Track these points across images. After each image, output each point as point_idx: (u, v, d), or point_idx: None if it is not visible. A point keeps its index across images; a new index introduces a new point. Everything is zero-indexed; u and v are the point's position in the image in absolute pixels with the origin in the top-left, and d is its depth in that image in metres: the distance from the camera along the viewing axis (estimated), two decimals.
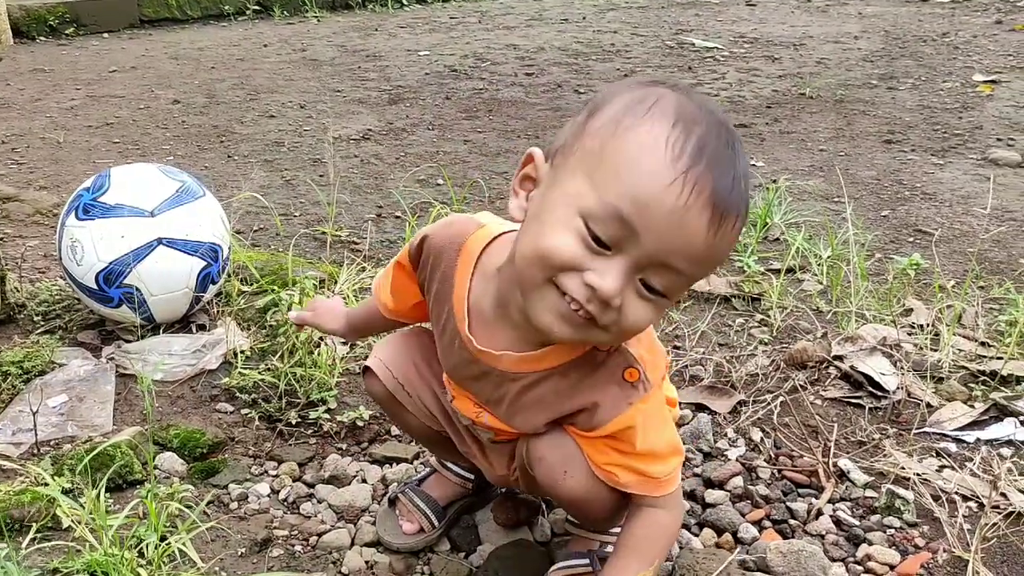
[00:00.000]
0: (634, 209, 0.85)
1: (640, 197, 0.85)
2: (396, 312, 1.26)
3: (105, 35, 5.45)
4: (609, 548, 1.24)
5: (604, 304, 0.89)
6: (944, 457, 1.50)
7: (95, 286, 1.74)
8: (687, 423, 1.61)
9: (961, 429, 1.57)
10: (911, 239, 2.42)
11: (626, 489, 1.08)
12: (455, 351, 1.10)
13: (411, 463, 1.54)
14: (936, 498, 1.40)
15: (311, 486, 1.49)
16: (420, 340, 1.27)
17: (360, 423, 1.62)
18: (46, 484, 1.32)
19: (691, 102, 0.91)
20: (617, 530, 1.25)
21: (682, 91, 0.92)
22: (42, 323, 1.88)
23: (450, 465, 1.39)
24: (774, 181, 2.76)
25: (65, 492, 1.32)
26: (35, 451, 1.50)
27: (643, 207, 0.85)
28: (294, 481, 1.50)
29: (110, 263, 1.72)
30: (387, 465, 1.54)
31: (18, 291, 1.94)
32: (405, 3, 6.61)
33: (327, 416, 1.62)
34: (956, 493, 1.40)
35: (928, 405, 1.62)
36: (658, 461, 1.07)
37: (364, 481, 1.50)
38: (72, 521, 1.26)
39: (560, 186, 0.91)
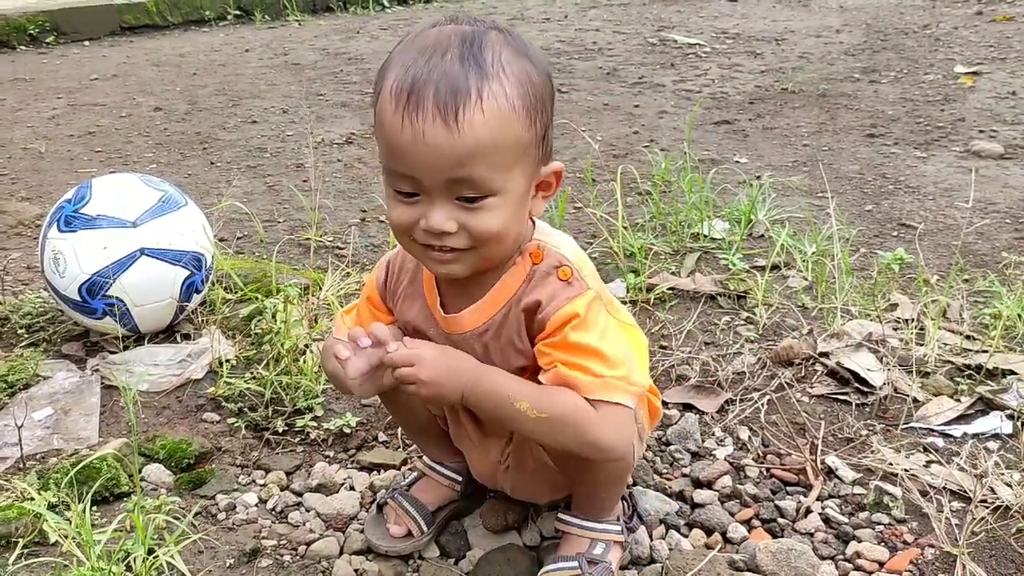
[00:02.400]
0: (399, 161, 1.00)
1: (395, 150, 1.00)
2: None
3: (86, 43, 5.41)
4: (598, 549, 1.25)
5: (448, 235, 1.02)
6: (931, 452, 1.51)
7: (78, 298, 1.73)
8: (674, 423, 1.61)
9: (948, 424, 1.57)
10: (895, 233, 2.43)
11: (576, 390, 1.08)
12: (435, 337, 1.18)
13: (399, 469, 1.54)
14: (924, 494, 1.40)
15: (299, 495, 1.48)
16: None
17: (347, 430, 1.61)
18: (32, 499, 1.31)
19: (428, 33, 1.02)
20: (609, 525, 1.26)
21: (429, 25, 1.04)
22: (26, 336, 1.87)
23: (438, 467, 1.38)
24: (758, 177, 2.76)
25: (51, 507, 1.31)
26: (20, 465, 1.49)
27: (401, 157, 1.00)
28: (282, 490, 1.49)
29: (93, 275, 1.71)
30: (375, 472, 1.54)
31: (2, 304, 1.92)
32: (387, 5, 6.60)
33: (314, 424, 1.62)
34: (944, 488, 1.41)
35: (915, 400, 1.62)
36: (600, 360, 1.09)
37: (352, 488, 1.50)
38: (59, 536, 1.25)
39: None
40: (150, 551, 1.21)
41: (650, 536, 1.35)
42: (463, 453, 1.34)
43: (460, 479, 1.38)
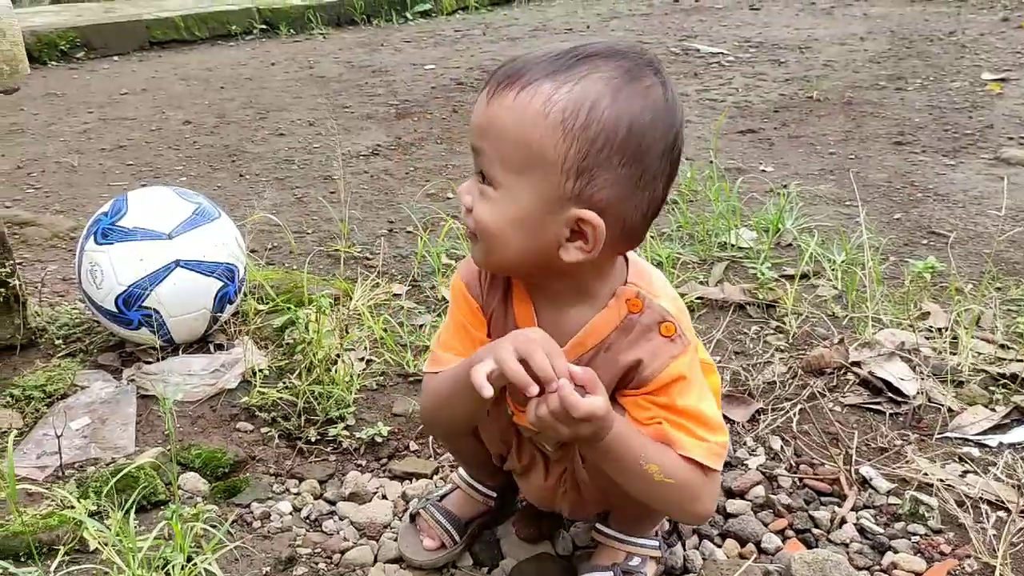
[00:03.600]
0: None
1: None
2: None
3: (115, 58, 5.50)
4: (634, 561, 1.24)
5: (466, 211, 1.01)
6: (967, 462, 1.49)
7: (115, 309, 1.75)
8: None
9: (983, 433, 1.56)
10: (925, 241, 2.41)
11: (676, 447, 1.05)
12: None
13: (430, 478, 1.55)
14: (961, 504, 1.39)
15: (332, 503, 1.50)
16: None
17: (379, 439, 1.63)
18: (72, 507, 1.33)
19: (571, 43, 1.00)
20: (647, 540, 1.25)
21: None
22: (63, 346, 1.90)
23: (475, 484, 1.38)
24: (784, 186, 2.76)
25: (91, 515, 1.33)
26: (60, 474, 1.51)
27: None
28: (315, 499, 1.51)
29: (129, 286, 1.73)
30: (407, 481, 1.55)
31: (39, 315, 1.96)
32: (409, 17, 6.65)
33: (346, 433, 1.63)
34: (981, 498, 1.40)
35: (949, 410, 1.61)
36: (706, 427, 1.06)
37: (384, 497, 1.51)
38: (99, 543, 1.27)
39: None
40: (188, 558, 1.22)
41: (684, 546, 1.35)
42: (518, 480, 1.30)
43: (495, 495, 1.38)
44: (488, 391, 0.95)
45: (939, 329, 1.87)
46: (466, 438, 1.28)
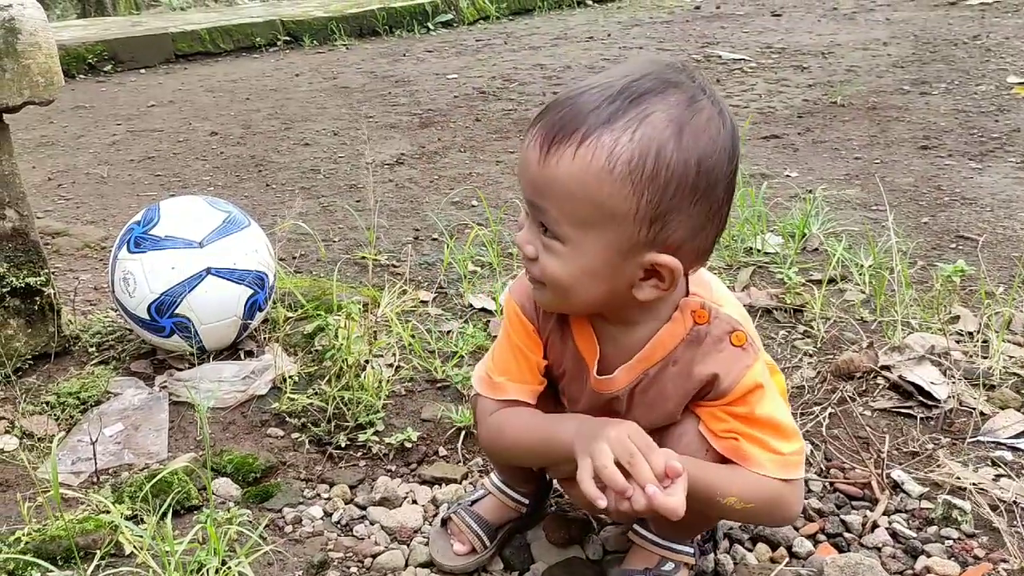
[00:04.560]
0: (518, 167, 1.00)
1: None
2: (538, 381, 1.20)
3: (142, 71, 5.58)
4: (667, 566, 1.24)
5: (528, 259, 1.01)
6: (1000, 465, 1.48)
7: (147, 317, 1.78)
8: None
9: (1016, 437, 1.55)
10: (953, 245, 2.40)
11: (750, 465, 1.04)
12: (582, 388, 1.15)
13: (460, 483, 1.56)
14: (994, 507, 1.38)
15: (363, 508, 1.51)
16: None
17: (408, 444, 1.64)
18: (108, 512, 1.35)
19: (630, 60, 1.03)
20: (683, 547, 1.25)
21: (649, 58, 1.03)
22: (96, 354, 1.93)
23: (507, 490, 1.38)
24: (810, 191, 2.74)
25: (127, 519, 1.35)
26: (95, 479, 1.54)
27: (519, 162, 0.99)
28: (346, 503, 1.52)
29: (162, 294, 1.76)
30: (436, 486, 1.56)
31: (72, 324, 1.98)
32: (431, 28, 6.69)
33: (375, 438, 1.64)
34: (1015, 502, 1.39)
35: (981, 413, 1.60)
36: (782, 436, 1.05)
37: (414, 502, 1.52)
38: (135, 548, 1.29)
39: None
40: (222, 562, 1.24)
41: (715, 551, 1.35)
42: (564, 485, 1.30)
43: (527, 502, 1.38)
44: (603, 503, 0.95)
45: (969, 333, 1.85)
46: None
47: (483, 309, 2.11)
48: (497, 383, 1.18)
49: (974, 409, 1.60)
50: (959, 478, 1.44)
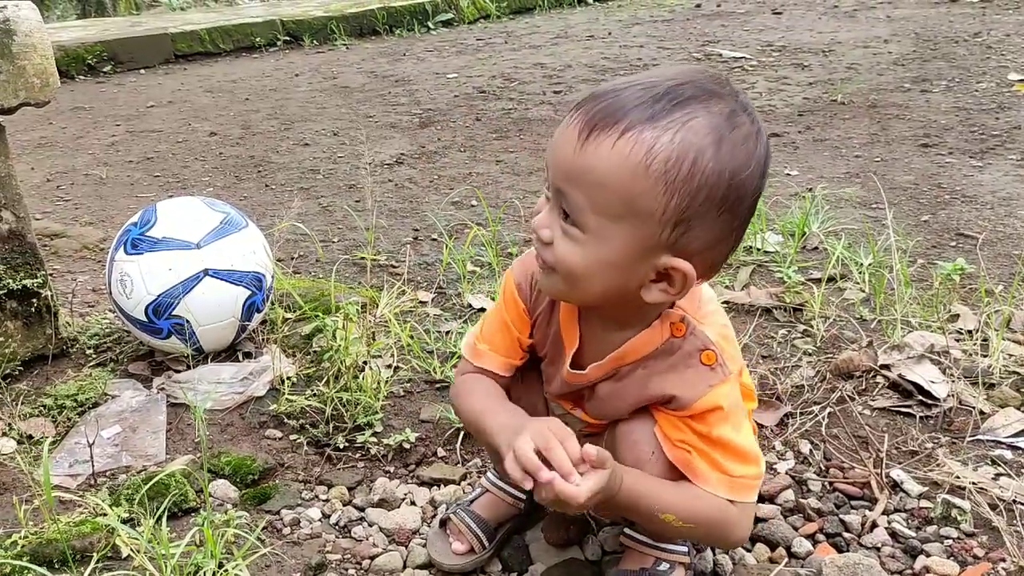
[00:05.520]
0: (547, 150, 1.00)
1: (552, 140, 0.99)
2: (514, 355, 1.24)
3: (141, 71, 5.57)
4: (662, 566, 1.24)
5: (542, 243, 1.00)
6: (1000, 464, 1.48)
7: (145, 318, 1.78)
8: None
9: (1016, 435, 1.54)
10: (953, 243, 2.39)
11: (698, 480, 1.07)
12: (557, 372, 1.18)
13: (458, 484, 1.55)
14: (994, 507, 1.37)
15: (361, 509, 1.50)
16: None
17: (407, 446, 1.63)
18: (105, 514, 1.34)
19: (677, 67, 1.05)
20: (676, 546, 1.25)
21: (696, 67, 1.06)
22: (94, 356, 1.92)
23: (503, 485, 1.39)
24: (810, 190, 2.74)
25: (123, 522, 1.34)
26: (92, 482, 1.53)
27: (550, 144, 0.99)
28: (344, 505, 1.51)
29: (159, 295, 1.75)
30: (435, 487, 1.55)
31: (70, 325, 1.98)
32: (431, 27, 6.68)
33: (374, 440, 1.64)
34: (1014, 501, 1.38)
35: (981, 412, 1.59)
36: (736, 459, 1.07)
37: (413, 503, 1.51)
38: (131, 550, 1.28)
39: None
40: (219, 565, 1.23)
41: (713, 550, 1.34)
42: None
43: (524, 498, 1.38)
44: (528, 484, 0.99)
45: (969, 331, 1.85)
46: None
47: (482, 309, 2.11)
48: (479, 349, 1.23)
49: (973, 408, 1.60)
50: (958, 477, 1.43)
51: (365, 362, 1.76)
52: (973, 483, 1.42)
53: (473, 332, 1.27)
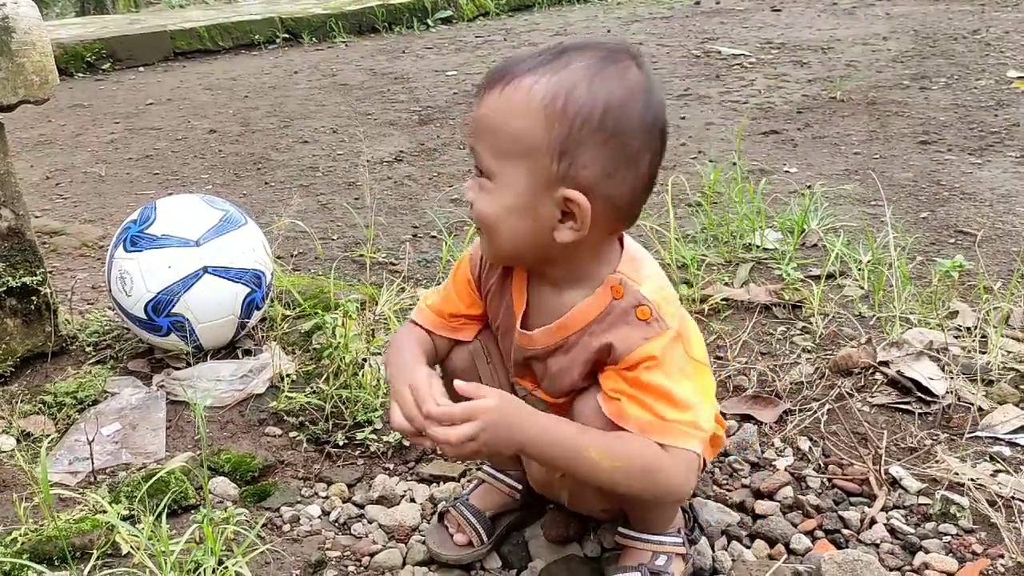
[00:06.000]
0: None
1: None
2: (453, 315, 1.29)
3: (140, 69, 5.57)
4: (660, 560, 1.24)
5: (470, 206, 1.08)
6: (999, 461, 1.48)
7: (144, 316, 1.78)
8: (733, 434, 1.60)
9: (1014, 432, 1.54)
10: (952, 240, 2.39)
11: (627, 423, 1.08)
12: (512, 341, 1.21)
13: (457, 481, 1.55)
14: (992, 503, 1.38)
15: (361, 506, 1.50)
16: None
17: (406, 443, 1.63)
18: (104, 511, 1.35)
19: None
20: (669, 537, 1.26)
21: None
22: (93, 353, 1.93)
23: (499, 475, 1.40)
24: (809, 187, 2.74)
25: (123, 519, 1.35)
26: (92, 479, 1.53)
27: None
28: (344, 502, 1.52)
29: (158, 293, 1.76)
30: (434, 484, 1.56)
31: (69, 323, 1.98)
32: (431, 24, 6.68)
33: (374, 436, 1.64)
34: (1013, 498, 1.38)
35: (979, 409, 1.59)
36: (668, 403, 1.07)
37: (412, 500, 1.51)
38: (131, 547, 1.29)
39: None
40: (219, 562, 1.24)
41: (712, 547, 1.35)
42: (523, 462, 1.35)
43: (520, 487, 1.39)
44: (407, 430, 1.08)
45: (968, 328, 1.85)
46: None
47: None
48: (421, 307, 1.31)
49: (972, 404, 1.60)
50: (957, 474, 1.44)
51: (365, 359, 1.76)
52: (972, 480, 1.42)
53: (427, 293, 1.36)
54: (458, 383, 1.05)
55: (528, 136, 1.01)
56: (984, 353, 1.74)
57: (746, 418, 1.65)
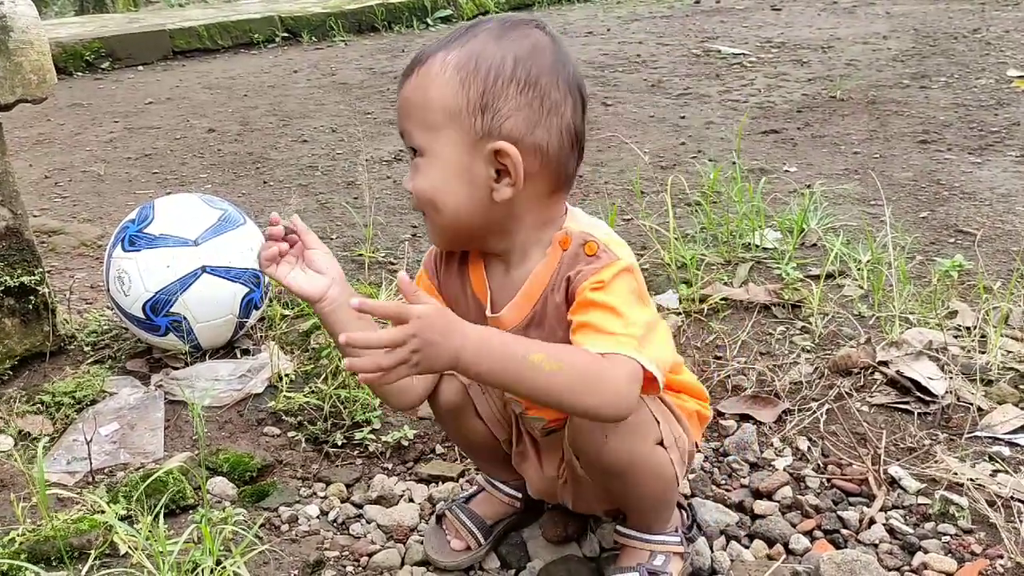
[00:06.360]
0: None
1: None
2: None
3: (140, 68, 5.56)
4: (658, 560, 1.24)
5: (409, 192, 1.10)
6: (998, 461, 1.47)
7: (143, 316, 1.77)
8: (732, 434, 1.60)
9: (1014, 432, 1.54)
10: (952, 240, 2.39)
11: (573, 336, 1.05)
12: None
13: (456, 481, 1.55)
14: (991, 503, 1.37)
15: (359, 506, 1.50)
16: None
17: (405, 443, 1.63)
18: (103, 511, 1.34)
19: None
20: (667, 537, 1.25)
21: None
22: (92, 353, 1.92)
23: (499, 484, 1.39)
24: (809, 186, 2.74)
25: (121, 519, 1.34)
26: (90, 479, 1.53)
27: None
28: (342, 502, 1.52)
29: (156, 292, 1.75)
30: (433, 484, 1.56)
31: (68, 323, 1.98)
32: (430, 23, 6.68)
33: (372, 437, 1.64)
34: (1012, 498, 1.38)
35: (979, 409, 1.59)
36: (615, 317, 1.04)
37: (411, 500, 1.51)
38: (129, 547, 1.28)
39: None
40: (217, 562, 1.23)
41: (711, 547, 1.34)
42: (520, 470, 1.34)
43: (520, 495, 1.39)
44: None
45: (967, 328, 1.85)
46: (472, 420, 1.30)
47: None
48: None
49: (971, 404, 1.60)
50: (956, 474, 1.43)
51: None
52: (971, 480, 1.42)
53: None
54: (401, 275, 0.97)
55: (448, 102, 1.04)
56: (983, 353, 1.74)
57: (745, 418, 1.65)
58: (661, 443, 1.16)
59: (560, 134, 1.07)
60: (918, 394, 1.65)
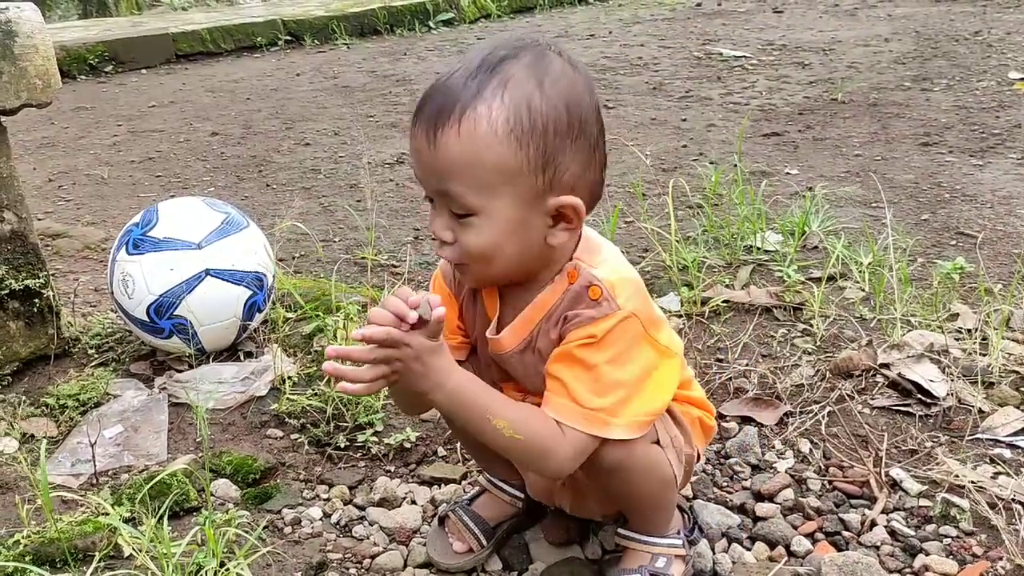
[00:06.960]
0: (414, 167, 1.07)
1: (411, 156, 1.07)
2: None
3: (143, 71, 5.58)
4: (660, 562, 1.25)
5: (443, 244, 1.06)
6: (999, 463, 1.48)
7: (146, 318, 1.78)
8: (733, 436, 1.60)
9: (1015, 434, 1.55)
10: (953, 242, 2.39)
11: (548, 410, 1.07)
12: (487, 352, 1.20)
13: (459, 483, 1.56)
14: (993, 506, 1.38)
15: (362, 509, 1.51)
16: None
17: (407, 445, 1.64)
18: (107, 514, 1.35)
19: (476, 46, 1.07)
20: (669, 539, 1.26)
21: (489, 42, 1.08)
22: (96, 356, 1.93)
23: (501, 484, 1.40)
24: (810, 189, 2.74)
25: (125, 521, 1.35)
26: (94, 481, 1.54)
27: (412, 163, 1.07)
28: (345, 504, 1.52)
29: (160, 295, 1.76)
30: (435, 486, 1.56)
31: (72, 325, 1.99)
32: (432, 27, 6.69)
33: (375, 439, 1.64)
34: (1013, 500, 1.38)
35: (980, 411, 1.60)
36: (593, 384, 1.06)
37: (414, 502, 1.52)
38: (133, 549, 1.29)
39: None
40: (220, 564, 1.24)
41: (713, 550, 1.35)
42: (520, 470, 1.36)
43: (522, 496, 1.39)
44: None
45: (968, 330, 1.85)
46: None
47: None
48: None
49: (973, 407, 1.60)
50: (957, 476, 1.44)
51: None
52: (972, 482, 1.42)
53: None
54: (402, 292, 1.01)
55: (507, 164, 1.00)
56: (985, 355, 1.74)
57: (747, 420, 1.65)
58: (657, 442, 1.17)
59: (600, 167, 1.08)
60: (919, 396, 1.65)
